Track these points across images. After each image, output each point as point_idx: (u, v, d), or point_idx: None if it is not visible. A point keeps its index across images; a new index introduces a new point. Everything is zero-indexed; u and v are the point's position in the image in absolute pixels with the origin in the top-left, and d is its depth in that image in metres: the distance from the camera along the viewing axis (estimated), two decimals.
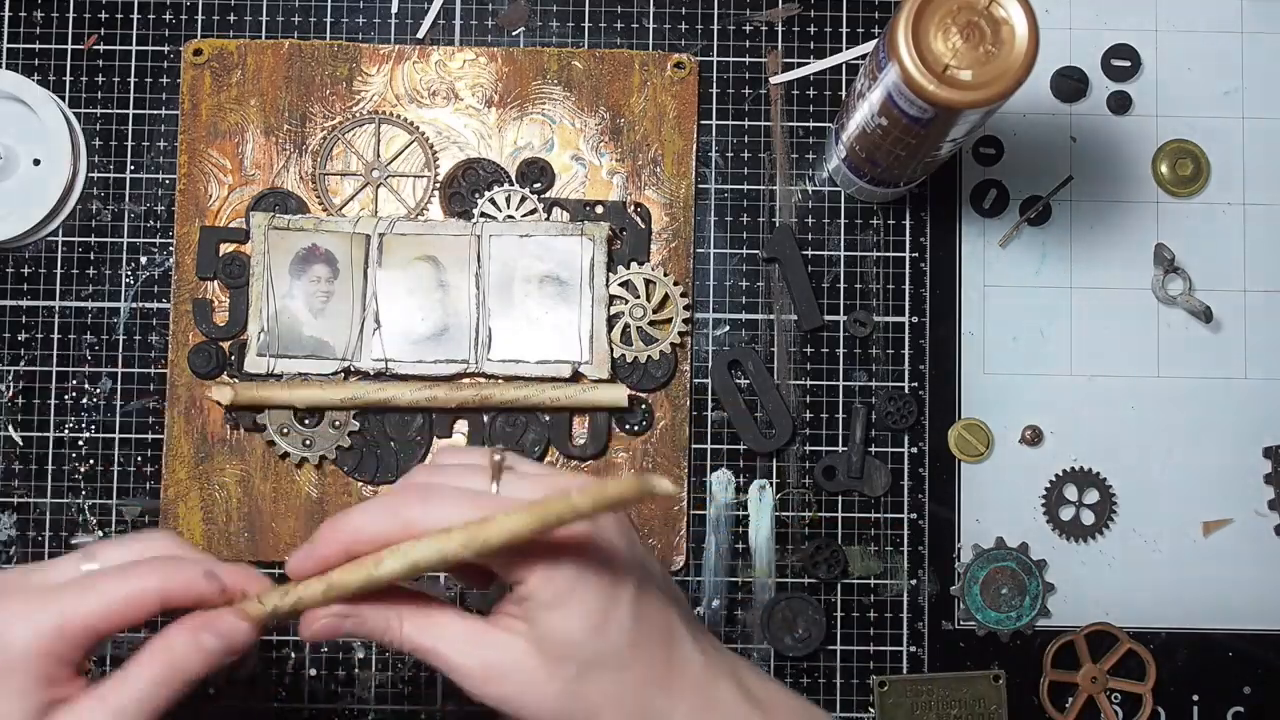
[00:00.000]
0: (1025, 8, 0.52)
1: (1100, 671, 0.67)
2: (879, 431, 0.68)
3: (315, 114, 0.68)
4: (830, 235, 0.69)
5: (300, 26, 0.69)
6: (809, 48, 0.69)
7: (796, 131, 0.69)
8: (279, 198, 0.68)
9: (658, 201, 0.68)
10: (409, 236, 0.66)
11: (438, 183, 0.68)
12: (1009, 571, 0.67)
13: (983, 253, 0.69)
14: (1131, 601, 0.68)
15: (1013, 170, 0.69)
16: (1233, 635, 0.68)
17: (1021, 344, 0.68)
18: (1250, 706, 0.67)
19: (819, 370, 0.68)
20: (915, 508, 0.68)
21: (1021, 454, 0.68)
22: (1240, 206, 0.69)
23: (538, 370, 0.66)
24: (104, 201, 0.69)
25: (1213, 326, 0.69)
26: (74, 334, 0.68)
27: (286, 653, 0.67)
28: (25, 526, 0.67)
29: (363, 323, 0.66)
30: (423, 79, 0.68)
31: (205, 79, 0.68)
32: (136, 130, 0.69)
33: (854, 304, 0.68)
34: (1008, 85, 0.51)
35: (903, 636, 0.67)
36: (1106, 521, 0.67)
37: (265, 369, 0.66)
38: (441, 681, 0.67)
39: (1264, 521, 0.68)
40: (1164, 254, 0.68)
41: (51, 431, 0.67)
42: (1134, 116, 0.69)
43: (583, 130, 0.68)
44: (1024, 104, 0.69)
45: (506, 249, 0.66)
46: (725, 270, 0.68)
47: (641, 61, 0.69)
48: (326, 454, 0.66)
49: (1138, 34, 0.70)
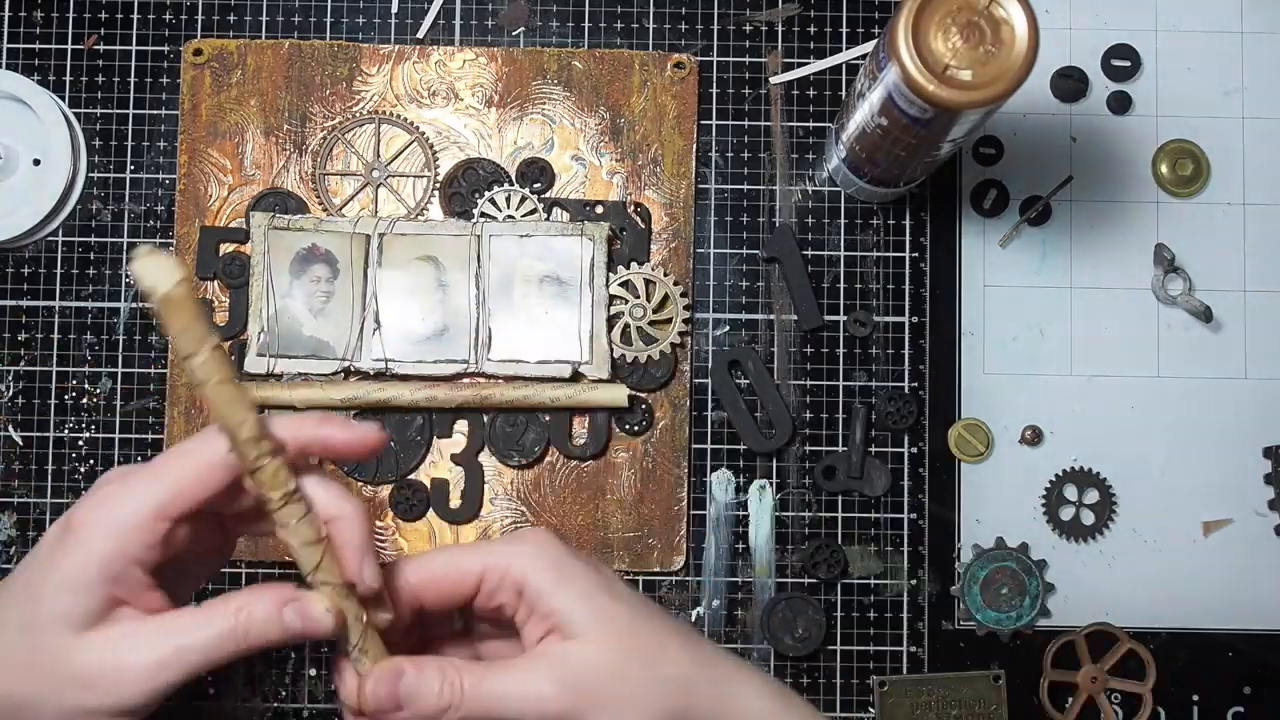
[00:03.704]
0: (1025, 8, 0.52)
1: (1100, 671, 0.67)
2: (879, 431, 0.68)
3: (315, 114, 0.68)
4: (830, 235, 0.69)
5: (300, 26, 0.69)
6: (809, 48, 0.69)
7: (796, 131, 0.69)
8: (279, 198, 0.68)
9: (658, 201, 0.68)
10: (409, 236, 0.66)
11: (438, 183, 0.68)
12: (1009, 571, 0.67)
13: (983, 253, 0.69)
14: (1131, 601, 0.68)
15: (1013, 170, 0.69)
16: (1233, 635, 0.68)
17: (1021, 344, 0.68)
18: (1250, 706, 0.67)
19: (819, 370, 0.68)
20: (915, 508, 0.68)
21: (1021, 454, 0.68)
22: (1240, 206, 0.69)
23: (538, 370, 0.66)
24: (104, 201, 0.69)
25: (1213, 326, 0.69)
26: (74, 334, 0.68)
27: (287, 653, 0.67)
28: (25, 526, 0.67)
29: (363, 323, 0.66)
30: (423, 79, 0.68)
31: (205, 79, 0.68)
32: (136, 130, 0.69)
33: (854, 304, 0.68)
34: (1008, 85, 0.51)
35: (903, 636, 0.67)
36: (1106, 521, 0.67)
37: (265, 369, 0.66)
38: None
39: (1264, 521, 0.68)
40: (1164, 254, 0.68)
41: (51, 431, 0.67)
42: (1134, 116, 0.69)
43: (583, 130, 0.68)
44: (1024, 104, 0.69)
45: (506, 249, 0.66)
46: (725, 270, 0.68)
47: (641, 61, 0.69)
48: None
49: (1138, 34, 0.70)
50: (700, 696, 0.48)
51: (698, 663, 0.49)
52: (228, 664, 0.46)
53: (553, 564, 0.48)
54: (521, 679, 0.47)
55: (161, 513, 0.45)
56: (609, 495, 0.67)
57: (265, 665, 0.67)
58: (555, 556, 0.49)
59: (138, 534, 0.44)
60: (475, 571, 0.48)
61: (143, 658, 0.45)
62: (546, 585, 0.48)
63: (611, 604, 0.48)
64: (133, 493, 0.45)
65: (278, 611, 0.46)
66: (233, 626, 0.45)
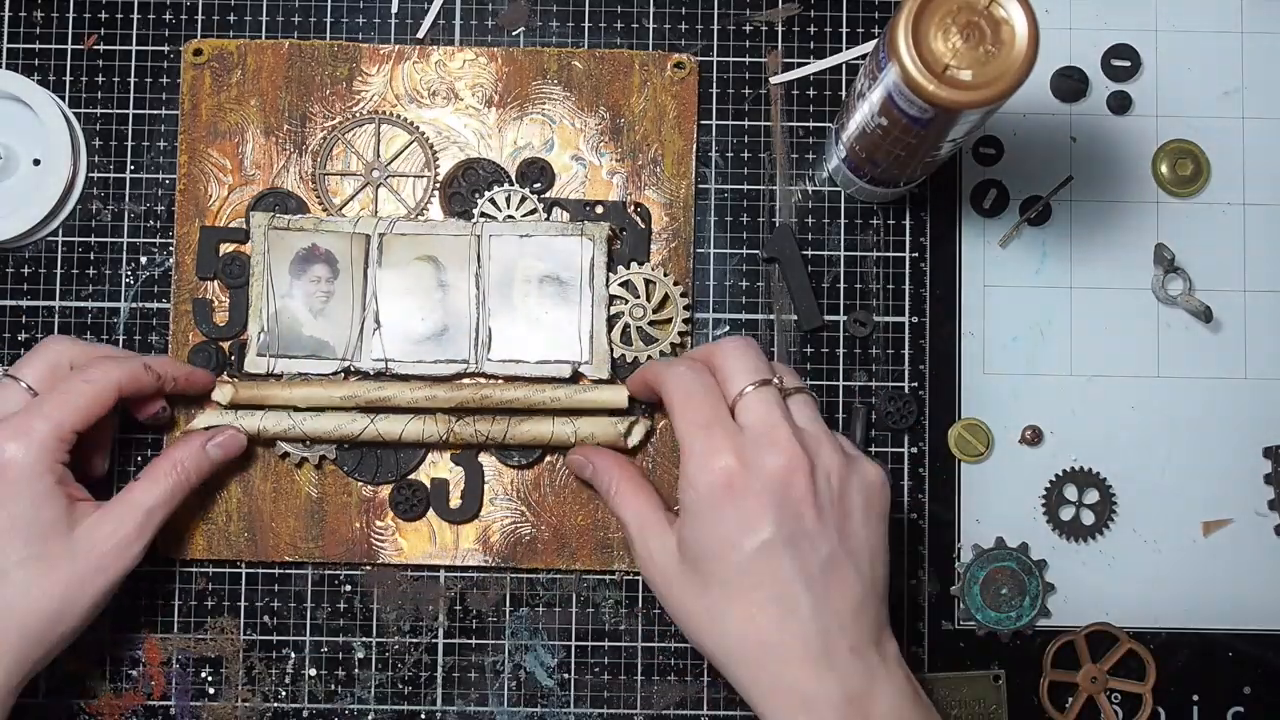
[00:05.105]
0: (1025, 8, 0.52)
1: (1100, 671, 0.67)
2: (879, 431, 0.68)
3: (315, 114, 0.68)
4: (830, 235, 0.69)
5: (300, 26, 0.69)
6: (809, 48, 0.69)
7: (796, 131, 0.69)
8: (279, 198, 0.68)
9: (658, 201, 0.68)
10: (409, 236, 0.66)
11: (438, 183, 0.68)
12: (1009, 571, 0.67)
13: (983, 253, 0.69)
14: (1131, 601, 0.68)
15: (1013, 170, 0.69)
16: (1233, 635, 0.68)
17: (1021, 344, 0.68)
18: (1250, 706, 0.67)
19: (819, 370, 0.68)
20: (915, 508, 0.68)
21: (1021, 454, 0.68)
22: (1240, 206, 0.69)
23: (538, 370, 0.66)
24: (104, 201, 0.69)
25: (1213, 326, 0.69)
26: (74, 334, 0.68)
27: (286, 653, 0.67)
28: None
29: (363, 323, 0.66)
30: (423, 79, 0.68)
31: (205, 79, 0.68)
32: (136, 130, 0.69)
33: (854, 304, 0.68)
34: (1008, 85, 0.51)
35: (902, 636, 0.67)
36: (1106, 521, 0.67)
37: (265, 369, 0.66)
38: (441, 681, 0.67)
39: (1264, 521, 0.68)
40: (1164, 254, 0.68)
41: None
42: (1134, 116, 0.69)
43: (583, 130, 0.68)
44: (1024, 104, 0.69)
45: (506, 249, 0.66)
46: (725, 270, 0.68)
47: (641, 61, 0.69)
48: (326, 454, 0.66)
49: (1138, 34, 0.70)
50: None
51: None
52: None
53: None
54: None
55: (71, 430, 0.58)
56: None
57: (265, 665, 0.67)
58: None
59: (58, 445, 0.57)
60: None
61: (128, 528, 0.59)
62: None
63: None
64: (46, 419, 0.57)
65: (203, 451, 0.63)
66: (176, 479, 0.61)
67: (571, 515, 0.67)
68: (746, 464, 0.54)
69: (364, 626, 0.67)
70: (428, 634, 0.67)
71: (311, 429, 0.64)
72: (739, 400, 0.55)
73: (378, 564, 0.67)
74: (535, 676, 0.67)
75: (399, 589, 0.67)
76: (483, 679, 0.67)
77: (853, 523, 0.55)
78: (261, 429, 0.64)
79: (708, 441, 0.54)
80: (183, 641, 0.67)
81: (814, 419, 0.57)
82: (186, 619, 0.67)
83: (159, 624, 0.67)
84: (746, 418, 0.55)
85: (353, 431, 0.65)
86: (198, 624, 0.67)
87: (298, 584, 0.67)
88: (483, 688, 0.67)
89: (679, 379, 0.57)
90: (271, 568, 0.67)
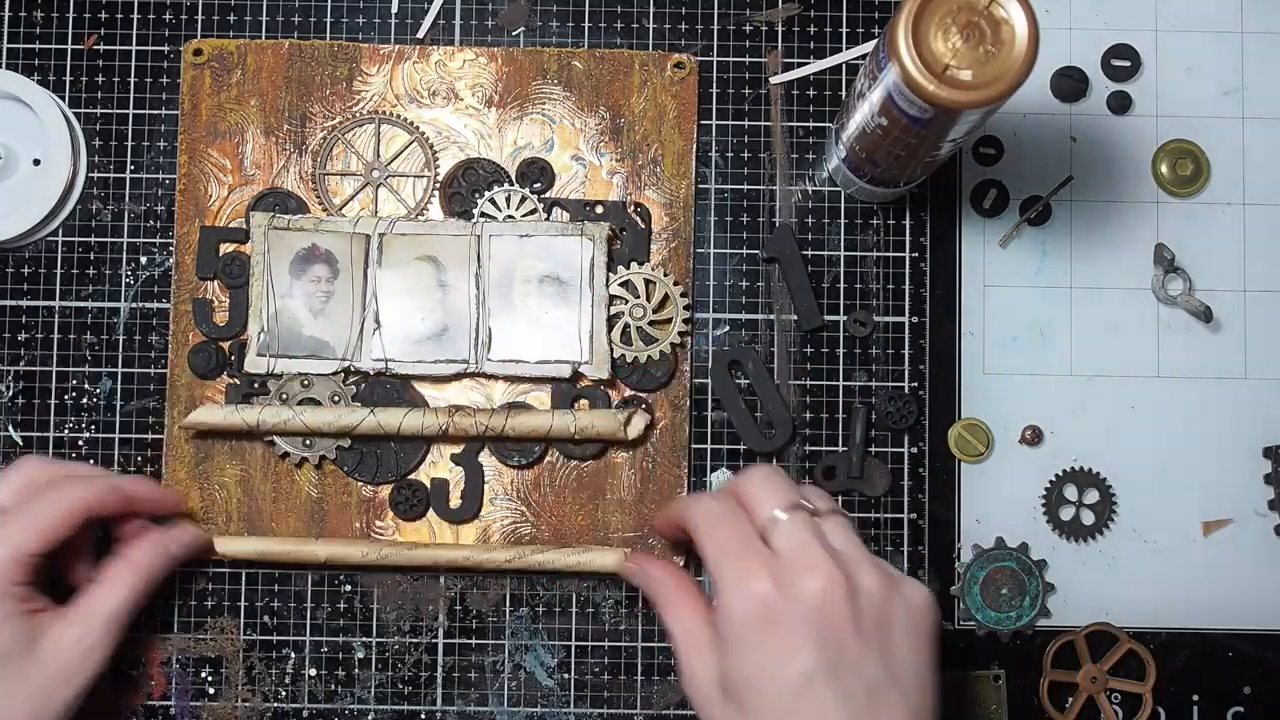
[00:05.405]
0: (1025, 8, 0.52)
1: (1100, 671, 0.67)
2: (879, 431, 0.68)
3: (315, 114, 0.68)
4: (830, 235, 0.69)
5: (300, 26, 0.69)
6: (809, 48, 0.69)
7: (796, 131, 0.69)
8: (279, 198, 0.68)
9: (658, 201, 0.68)
10: (409, 236, 0.66)
11: (438, 183, 0.68)
12: (1009, 571, 0.67)
13: (983, 253, 0.69)
14: (1131, 601, 0.68)
15: (1013, 170, 0.69)
16: (1233, 635, 0.68)
17: (1021, 344, 0.68)
18: (1250, 706, 0.67)
19: (819, 370, 0.68)
20: (915, 508, 0.68)
21: (1021, 454, 0.68)
22: (1240, 206, 0.69)
23: (538, 370, 0.66)
24: (104, 201, 0.69)
25: (1213, 326, 0.69)
26: (74, 334, 0.68)
27: (286, 653, 0.67)
28: None
29: (363, 323, 0.66)
30: (423, 79, 0.68)
31: (205, 79, 0.68)
32: (136, 130, 0.69)
33: (854, 304, 0.68)
34: (1008, 85, 0.51)
35: None
36: (1106, 521, 0.68)
37: (265, 369, 0.66)
38: (441, 681, 0.67)
39: (1264, 521, 0.68)
40: (1164, 254, 0.68)
41: (51, 431, 0.67)
42: (1134, 116, 0.69)
43: (583, 130, 0.68)
44: (1024, 104, 0.69)
45: (506, 249, 0.66)
46: (725, 270, 0.68)
47: (641, 61, 0.69)
48: (326, 454, 0.66)
49: (1138, 34, 0.70)
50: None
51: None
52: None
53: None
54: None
55: (30, 554, 0.58)
56: (609, 495, 0.67)
57: (265, 665, 0.67)
58: None
59: (16, 569, 0.57)
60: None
61: (91, 638, 0.58)
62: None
63: None
64: (3, 542, 0.57)
65: (164, 549, 0.62)
66: (135, 583, 0.60)
67: (571, 515, 0.67)
68: (783, 589, 0.51)
69: (364, 626, 0.67)
70: (428, 634, 0.67)
71: (310, 421, 0.64)
72: (770, 527, 0.53)
73: (379, 564, 0.67)
74: (535, 676, 0.67)
75: (399, 589, 0.67)
76: (483, 679, 0.67)
77: (898, 647, 0.52)
78: (260, 421, 0.64)
79: (741, 568, 0.52)
80: (183, 641, 0.67)
81: (850, 539, 0.54)
82: (186, 619, 0.67)
83: (159, 624, 0.67)
84: (779, 543, 0.52)
85: (351, 423, 0.65)
86: (198, 624, 0.67)
87: (298, 584, 0.67)
88: (483, 688, 0.67)
89: (705, 510, 0.55)
90: (272, 568, 0.67)
